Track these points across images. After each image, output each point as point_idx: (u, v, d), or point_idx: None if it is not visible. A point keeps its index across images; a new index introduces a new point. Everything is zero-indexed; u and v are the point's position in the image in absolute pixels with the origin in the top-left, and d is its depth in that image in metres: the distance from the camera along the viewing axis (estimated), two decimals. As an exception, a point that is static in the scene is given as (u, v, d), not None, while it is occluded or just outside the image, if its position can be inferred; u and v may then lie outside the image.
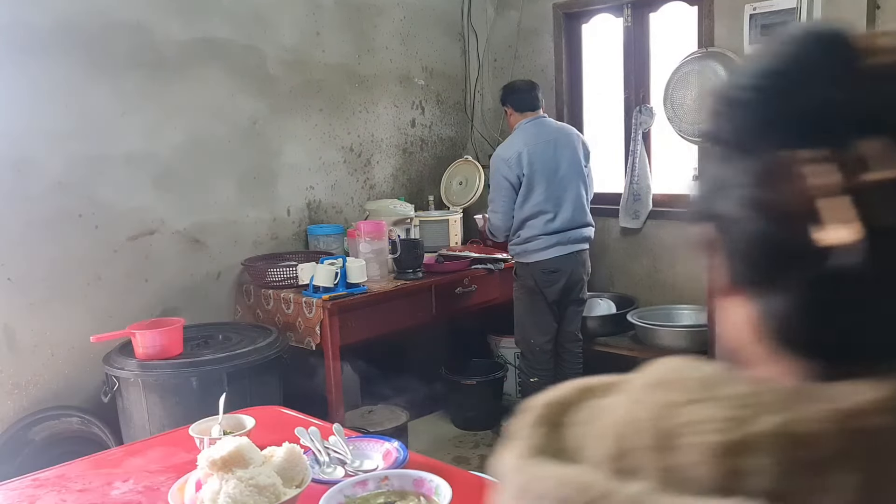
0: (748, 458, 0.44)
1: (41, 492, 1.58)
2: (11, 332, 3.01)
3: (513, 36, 4.61)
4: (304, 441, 1.62)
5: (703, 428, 0.46)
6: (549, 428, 0.54)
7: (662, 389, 0.52)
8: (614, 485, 0.46)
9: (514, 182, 3.62)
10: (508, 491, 0.51)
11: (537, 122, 3.71)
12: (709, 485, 0.44)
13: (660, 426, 0.48)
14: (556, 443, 0.53)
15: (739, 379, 0.50)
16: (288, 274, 3.45)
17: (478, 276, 3.85)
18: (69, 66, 3.09)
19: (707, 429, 0.45)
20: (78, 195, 3.15)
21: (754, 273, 0.51)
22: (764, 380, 0.49)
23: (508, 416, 2.55)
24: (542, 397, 0.58)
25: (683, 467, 0.45)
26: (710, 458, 0.44)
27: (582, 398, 0.57)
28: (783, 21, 3.36)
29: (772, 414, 0.44)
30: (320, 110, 3.99)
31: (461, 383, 4.07)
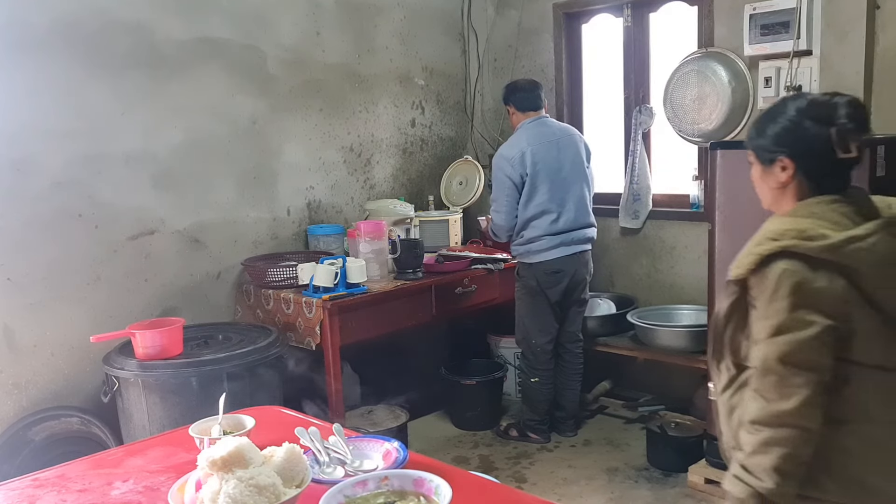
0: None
1: (41, 492, 1.58)
2: (11, 332, 3.01)
3: (513, 36, 4.61)
4: (304, 441, 1.62)
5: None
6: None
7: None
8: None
9: (516, 181, 3.62)
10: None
11: (540, 122, 3.71)
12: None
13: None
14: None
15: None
16: (288, 274, 3.45)
17: (478, 276, 3.85)
18: (69, 66, 3.09)
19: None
20: (78, 195, 3.15)
21: (807, 162, 1.59)
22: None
23: (508, 416, 2.57)
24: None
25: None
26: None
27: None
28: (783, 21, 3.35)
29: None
30: (320, 110, 3.99)
31: (461, 383, 4.07)
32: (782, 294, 1.47)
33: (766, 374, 1.49)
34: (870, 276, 1.47)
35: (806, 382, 1.45)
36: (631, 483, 3.39)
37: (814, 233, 1.48)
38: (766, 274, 1.49)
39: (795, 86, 3.37)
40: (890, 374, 1.50)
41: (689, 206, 3.97)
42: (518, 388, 4.25)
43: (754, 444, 1.49)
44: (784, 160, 1.61)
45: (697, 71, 3.70)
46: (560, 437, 3.89)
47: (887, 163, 2.81)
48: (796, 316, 1.46)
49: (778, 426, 1.47)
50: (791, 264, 1.47)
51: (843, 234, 1.48)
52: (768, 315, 1.49)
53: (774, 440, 1.47)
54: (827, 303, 1.46)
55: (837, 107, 1.55)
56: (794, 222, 1.53)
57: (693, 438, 3.44)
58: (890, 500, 1.52)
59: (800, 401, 1.45)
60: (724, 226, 3.12)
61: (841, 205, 1.55)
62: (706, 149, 3.46)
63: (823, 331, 1.45)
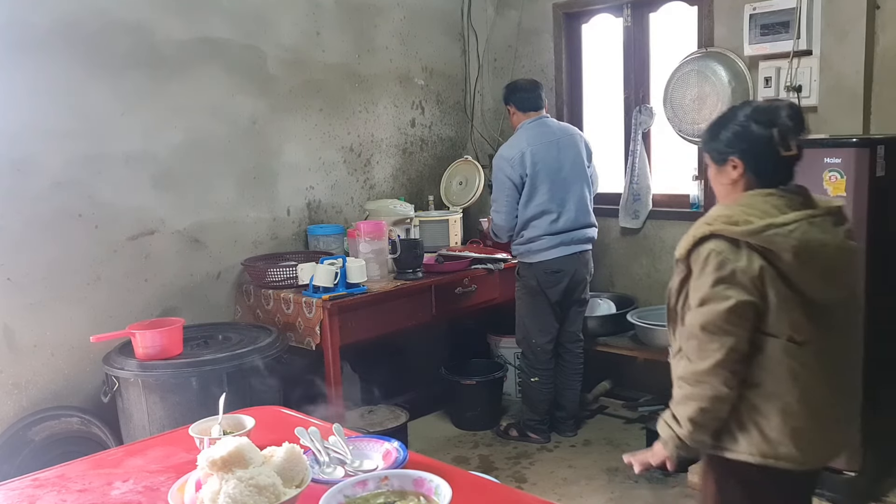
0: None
1: (41, 492, 1.58)
2: (11, 332, 3.01)
3: (513, 36, 4.61)
4: (304, 441, 1.62)
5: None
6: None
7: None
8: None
9: (516, 182, 3.62)
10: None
11: (540, 123, 3.71)
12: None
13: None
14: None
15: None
16: (288, 274, 3.45)
17: (478, 276, 3.85)
18: (69, 66, 3.09)
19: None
20: (78, 195, 3.15)
21: (754, 160, 1.78)
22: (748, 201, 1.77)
23: (508, 416, 2.58)
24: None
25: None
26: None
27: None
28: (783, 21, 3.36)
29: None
30: (320, 110, 3.99)
31: (461, 383, 4.07)
32: (708, 270, 1.70)
33: (690, 339, 1.74)
34: (785, 259, 1.67)
35: (720, 348, 1.68)
36: (631, 483, 3.39)
37: (739, 219, 1.70)
38: (699, 252, 1.73)
39: (795, 86, 3.37)
40: (799, 347, 1.70)
41: (689, 206, 3.97)
42: (518, 388, 4.25)
43: (679, 396, 1.78)
44: (734, 160, 1.81)
45: (697, 71, 3.70)
46: (560, 437, 3.89)
47: (887, 163, 2.81)
48: (716, 290, 1.69)
49: (695, 383, 1.73)
50: (717, 245, 1.70)
51: (763, 221, 1.68)
52: (697, 287, 1.73)
53: (692, 395, 1.74)
54: (745, 280, 1.68)
55: (779, 110, 1.77)
56: (727, 210, 1.76)
57: (693, 438, 3.43)
58: (793, 458, 1.73)
59: (714, 363, 1.69)
60: (724, 226, 3.12)
61: (774, 197, 1.75)
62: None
63: (739, 304, 1.67)
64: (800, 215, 1.70)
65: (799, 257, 1.67)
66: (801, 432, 1.72)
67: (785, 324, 1.70)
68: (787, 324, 1.70)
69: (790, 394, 1.72)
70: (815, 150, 2.84)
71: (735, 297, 1.67)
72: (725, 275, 1.68)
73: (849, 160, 2.75)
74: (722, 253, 1.69)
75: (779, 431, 1.72)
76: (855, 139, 2.81)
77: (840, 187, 2.77)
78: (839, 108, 3.33)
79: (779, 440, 1.72)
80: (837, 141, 2.84)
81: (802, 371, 1.71)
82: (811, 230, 1.70)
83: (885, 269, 2.89)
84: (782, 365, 1.71)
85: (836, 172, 2.77)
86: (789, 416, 1.72)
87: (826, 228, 1.73)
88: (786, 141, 1.75)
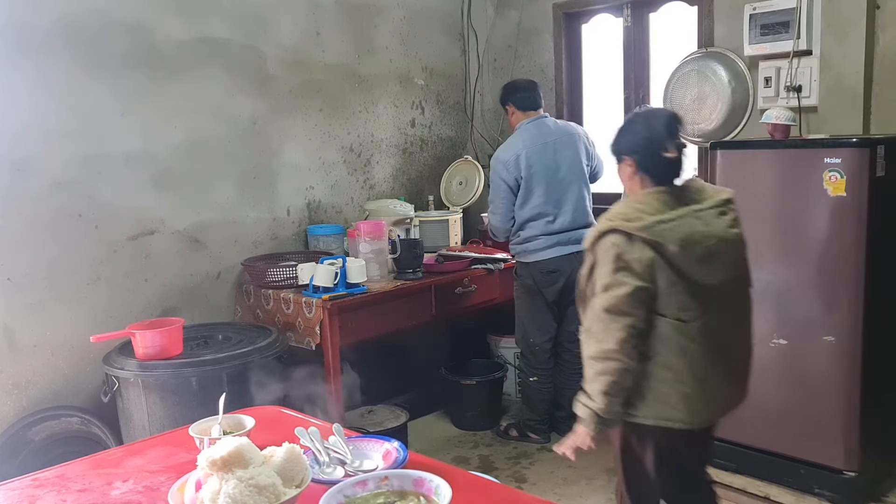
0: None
1: (41, 492, 1.58)
2: (11, 332, 3.01)
3: (513, 36, 4.61)
4: (304, 441, 1.62)
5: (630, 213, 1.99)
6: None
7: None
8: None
9: (512, 184, 3.62)
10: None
11: (538, 123, 3.71)
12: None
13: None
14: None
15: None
16: (288, 274, 3.45)
17: (478, 276, 3.85)
18: (69, 66, 3.09)
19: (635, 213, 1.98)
20: (78, 195, 3.15)
21: (642, 160, 2.07)
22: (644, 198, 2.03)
23: (508, 415, 2.61)
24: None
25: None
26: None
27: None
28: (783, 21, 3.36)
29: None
30: (320, 110, 3.99)
31: (461, 383, 4.07)
32: (607, 260, 1.97)
33: (596, 321, 1.99)
34: (672, 250, 1.93)
35: (622, 327, 1.94)
36: (631, 483, 3.39)
37: (633, 216, 1.97)
38: (601, 245, 2.00)
39: (795, 86, 3.37)
40: (686, 325, 1.97)
41: (689, 206, 3.97)
42: (518, 388, 4.25)
43: (590, 374, 2.01)
44: (628, 160, 2.12)
45: (697, 71, 3.70)
46: (560, 437, 3.87)
47: (887, 163, 2.81)
48: (616, 277, 1.95)
49: (604, 360, 1.97)
50: (615, 238, 1.97)
51: (654, 218, 1.95)
52: (600, 276, 1.99)
53: (603, 370, 1.97)
54: (639, 268, 1.94)
55: (658, 119, 2.11)
56: (625, 208, 2.03)
57: (693, 438, 3.44)
58: (683, 420, 2.01)
59: (617, 340, 1.94)
60: (724, 226, 3.12)
61: (664, 195, 2.03)
62: (706, 149, 3.47)
63: (635, 289, 1.93)
64: (685, 211, 1.99)
65: (683, 247, 1.93)
66: (689, 397, 1.99)
67: (673, 305, 1.96)
68: (675, 305, 1.96)
69: (680, 365, 1.98)
70: (815, 150, 2.85)
71: (631, 284, 1.93)
72: (622, 264, 1.95)
73: (849, 160, 2.75)
74: (619, 245, 1.96)
75: (671, 397, 2.00)
76: (855, 139, 2.81)
77: (840, 187, 2.77)
78: (839, 108, 3.33)
79: (671, 405, 2.00)
80: (837, 141, 2.84)
81: (690, 345, 1.97)
82: (695, 223, 1.97)
83: (886, 269, 2.89)
84: (673, 340, 1.98)
85: (836, 172, 2.77)
86: (679, 384, 1.99)
87: (709, 221, 2.00)
88: (663, 145, 2.04)
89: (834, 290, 2.84)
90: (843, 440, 2.88)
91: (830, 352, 2.86)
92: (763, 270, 3.01)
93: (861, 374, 2.83)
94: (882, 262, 2.85)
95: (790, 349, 2.97)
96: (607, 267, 1.97)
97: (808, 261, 2.89)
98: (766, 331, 3.01)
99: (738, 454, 3.15)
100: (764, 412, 3.06)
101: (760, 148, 3.05)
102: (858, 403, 2.84)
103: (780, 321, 2.98)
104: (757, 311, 3.05)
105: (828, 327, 2.86)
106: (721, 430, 3.17)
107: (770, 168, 2.98)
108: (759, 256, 3.02)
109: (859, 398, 2.84)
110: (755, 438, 3.11)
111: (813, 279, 2.89)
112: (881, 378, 2.96)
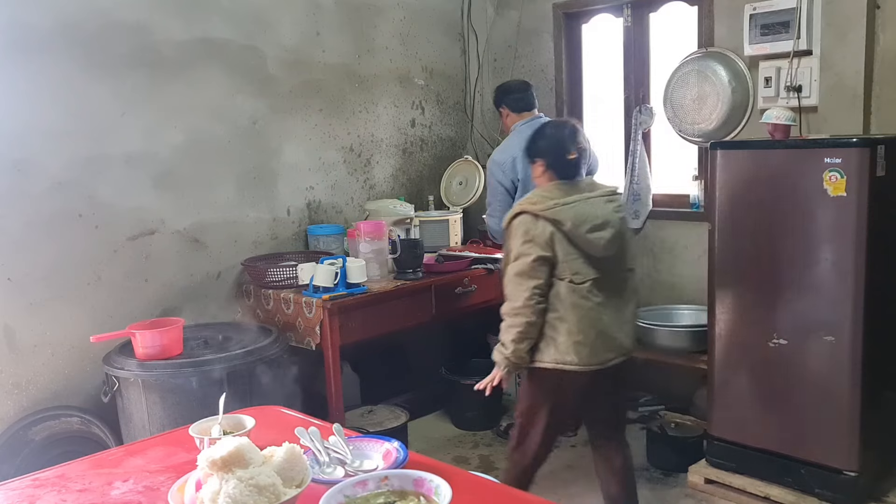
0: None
1: (41, 492, 1.58)
2: (11, 332, 3.01)
3: (513, 36, 4.61)
4: (304, 441, 1.62)
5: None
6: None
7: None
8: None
9: (508, 187, 3.61)
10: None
11: (533, 124, 3.68)
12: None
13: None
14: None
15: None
16: (288, 274, 3.45)
17: (477, 276, 3.85)
18: (69, 66, 3.09)
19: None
20: (78, 195, 3.15)
21: (550, 160, 2.59)
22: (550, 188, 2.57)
23: (508, 416, 2.64)
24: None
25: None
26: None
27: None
28: (783, 21, 3.36)
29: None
30: (320, 110, 3.99)
31: (461, 383, 4.06)
32: (518, 235, 2.48)
33: (509, 284, 2.49)
34: (567, 226, 2.43)
35: (528, 289, 2.44)
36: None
37: (538, 201, 2.49)
38: (513, 224, 2.51)
39: (796, 86, 3.37)
40: (578, 286, 2.47)
41: (689, 206, 3.97)
42: (518, 388, 4.24)
43: (504, 328, 2.50)
44: (539, 160, 2.64)
45: (697, 71, 3.70)
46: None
47: (887, 163, 2.81)
48: (524, 248, 2.45)
49: (514, 315, 2.47)
50: (524, 218, 2.48)
51: (554, 202, 2.46)
52: (512, 248, 2.50)
53: (513, 324, 2.47)
54: (542, 241, 2.44)
55: (564, 128, 2.65)
56: (533, 195, 2.56)
57: (693, 438, 3.44)
58: (575, 363, 2.47)
59: (525, 299, 2.44)
60: (724, 226, 3.12)
61: (564, 185, 2.56)
62: (706, 149, 3.46)
63: (538, 258, 2.43)
64: (579, 197, 2.51)
65: (576, 224, 2.43)
66: (580, 345, 2.47)
67: (568, 271, 2.46)
68: (569, 271, 2.46)
69: (573, 318, 2.47)
70: (815, 149, 2.85)
71: (535, 253, 2.44)
72: (529, 238, 2.45)
73: (849, 160, 2.75)
74: (526, 223, 2.47)
75: (566, 345, 2.47)
76: (855, 139, 2.81)
77: (840, 187, 2.77)
78: (839, 108, 3.33)
79: (566, 351, 2.47)
80: (837, 141, 2.84)
81: (581, 302, 2.47)
82: (586, 206, 2.49)
83: (886, 269, 2.89)
84: (568, 299, 2.46)
85: (836, 172, 2.77)
86: (572, 334, 2.47)
87: (597, 205, 2.51)
88: (567, 149, 2.56)
89: (834, 290, 2.84)
90: (844, 440, 2.88)
91: (830, 352, 2.86)
92: (763, 270, 3.02)
93: (861, 374, 2.83)
94: (882, 262, 2.86)
95: (790, 349, 2.97)
96: (518, 240, 2.47)
97: (808, 261, 2.89)
98: (766, 331, 3.01)
99: (738, 454, 3.15)
100: (764, 412, 3.07)
101: (760, 148, 3.05)
102: (858, 403, 2.84)
103: (780, 321, 2.98)
104: (757, 311, 3.08)
105: (828, 327, 2.86)
106: (721, 430, 3.21)
107: (770, 168, 2.98)
108: (759, 256, 3.04)
109: (859, 398, 2.84)
110: (755, 438, 3.11)
111: (813, 279, 2.89)
112: (881, 378, 2.96)
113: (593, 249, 2.47)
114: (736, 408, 3.16)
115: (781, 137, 3.12)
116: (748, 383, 3.11)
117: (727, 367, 3.18)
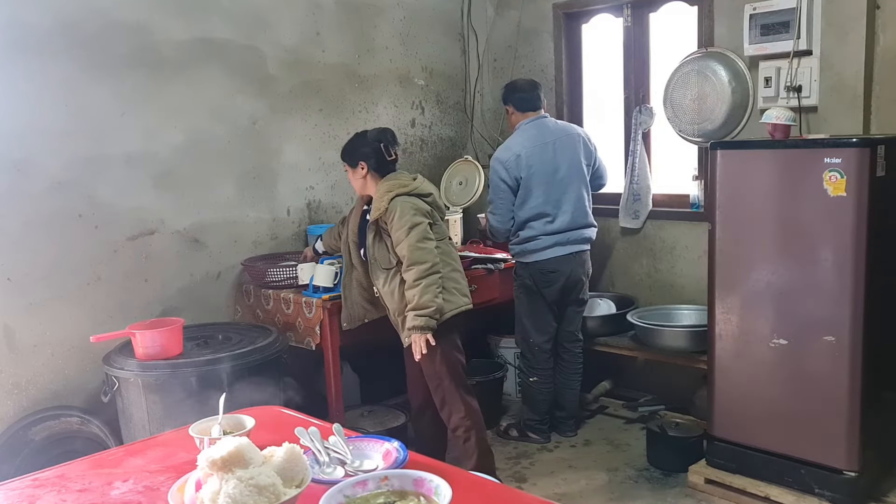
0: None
1: (41, 492, 1.58)
2: (11, 332, 3.01)
3: (513, 36, 4.61)
4: (304, 441, 1.62)
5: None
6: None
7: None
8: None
9: (511, 185, 3.62)
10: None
11: (538, 123, 3.70)
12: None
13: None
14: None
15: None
16: (288, 274, 3.45)
17: (478, 276, 3.84)
18: (69, 66, 3.09)
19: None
20: (78, 195, 3.15)
21: (374, 162, 3.04)
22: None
23: (508, 416, 2.64)
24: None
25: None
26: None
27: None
28: (783, 21, 3.36)
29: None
30: (320, 110, 3.99)
31: (461, 383, 4.05)
32: (406, 212, 2.86)
33: (415, 251, 2.84)
34: (429, 200, 2.97)
35: (431, 249, 2.87)
36: (631, 483, 3.39)
37: (403, 183, 2.95)
38: (393, 209, 2.88)
39: (796, 86, 3.37)
40: (447, 245, 3.05)
41: (689, 206, 3.97)
42: (518, 387, 4.25)
43: (420, 291, 2.83)
44: (362, 163, 3.02)
45: (697, 71, 3.70)
46: (560, 437, 3.89)
47: (887, 163, 2.81)
48: (416, 219, 2.87)
49: (428, 275, 2.84)
50: (404, 199, 2.90)
51: (413, 185, 2.96)
52: (403, 224, 2.85)
53: (430, 283, 2.84)
54: (423, 212, 2.91)
55: (385, 133, 3.06)
56: (389, 184, 2.95)
57: (693, 438, 3.44)
58: (465, 302, 3.05)
59: (432, 259, 2.86)
60: (724, 226, 3.12)
61: (402, 175, 3.02)
62: (706, 149, 3.46)
63: (427, 223, 2.90)
64: (420, 180, 3.03)
65: (433, 199, 3.00)
66: (462, 288, 3.05)
67: (443, 231, 3.07)
68: (438, 233, 2.98)
69: (457, 270, 3.06)
70: (816, 150, 2.85)
71: (425, 221, 2.90)
72: (416, 210, 2.88)
73: (849, 160, 2.75)
74: (409, 201, 2.90)
75: (458, 291, 3.02)
76: (855, 139, 2.81)
77: (840, 187, 2.77)
78: (839, 108, 3.33)
79: (459, 296, 3.02)
80: (837, 141, 2.84)
81: (446, 258, 2.98)
82: (427, 185, 3.03)
83: (886, 269, 2.89)
84: (445, 255, 2.97)
85: (836, 172, 2.77)
86: (457, 282, 3.03)
87: (428, 187, 3.03)
88: (389, 150, 3.01)
89: (834, 290, 2.84)
90: (843, 440, 2.88)
91: (830, 352, 2.86)
92: (763, 270, 3.02)
93: (861, 374, 2.83)
94: (882, 261, 2.85)
95: (790, 349, 2.97)
96: (407, 216, 2.85)
97: (809, 261, 2.89)
98: (766, 331, 3.01)
99: (738, 454, 3.15)
100: (764, 412, 3.07)
101: (760, 148, 3.05)
102: (858, 403, 2.84)
103: (780, 321, 2.98)
104: (757, 311, 3.07)
105: (828, 327, 2.86)
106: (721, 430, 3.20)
107: (770, 168, 2.98)
108: (759, 256, 3.04)
109: (859, 398, 2.84)
110: (755, 438, 3.11)
111: (813, 279, 2.89)
112: (881, 378, 2.96)
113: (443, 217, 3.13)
114: (736, 408, 3.16)
115: (781, 137, 3.12)
116: (748, 383, 3.11)
117: (727, 367, 3.18)
